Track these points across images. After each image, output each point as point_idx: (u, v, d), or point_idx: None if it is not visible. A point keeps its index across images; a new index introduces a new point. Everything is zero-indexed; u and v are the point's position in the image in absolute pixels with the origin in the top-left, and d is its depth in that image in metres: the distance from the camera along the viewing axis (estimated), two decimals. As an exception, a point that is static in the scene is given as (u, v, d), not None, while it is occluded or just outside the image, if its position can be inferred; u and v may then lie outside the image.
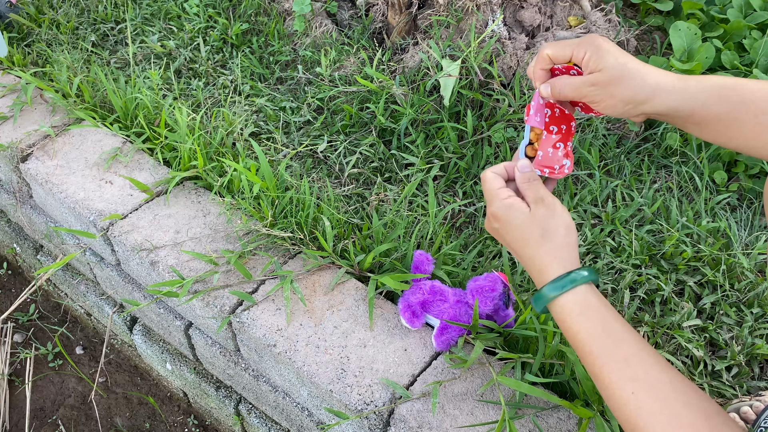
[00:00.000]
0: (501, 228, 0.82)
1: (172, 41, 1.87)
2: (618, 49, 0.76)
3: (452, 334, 1.10)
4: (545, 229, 0.79)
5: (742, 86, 0.73)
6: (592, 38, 0.77)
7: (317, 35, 1.85)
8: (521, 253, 0.81)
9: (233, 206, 1.34)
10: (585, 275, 0.76)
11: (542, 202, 0.81)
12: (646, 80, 0.74)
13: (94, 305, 1.80)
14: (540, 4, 1.66)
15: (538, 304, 0.79)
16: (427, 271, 1.17)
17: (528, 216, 0.80)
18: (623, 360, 0.70)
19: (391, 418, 1.05)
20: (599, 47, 0.75)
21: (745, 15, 1.67)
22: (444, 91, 1.52)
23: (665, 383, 0.68)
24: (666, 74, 0.75)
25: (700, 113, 0.74)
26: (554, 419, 1.03)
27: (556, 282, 0.77)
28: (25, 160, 1.54)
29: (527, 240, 0.80)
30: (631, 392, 0.68)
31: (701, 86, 0.73)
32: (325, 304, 1.20)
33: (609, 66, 0.74)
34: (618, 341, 0.72)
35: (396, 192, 1.45)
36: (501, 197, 0.82)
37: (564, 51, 0.78)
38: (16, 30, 1.94)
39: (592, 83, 0.76)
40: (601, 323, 0.74)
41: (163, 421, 1.83)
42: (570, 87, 0.78)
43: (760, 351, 1.20)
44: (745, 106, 0.72)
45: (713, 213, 1.44)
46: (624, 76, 0.74)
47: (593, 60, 0.75)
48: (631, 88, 0.74)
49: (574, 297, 0.76)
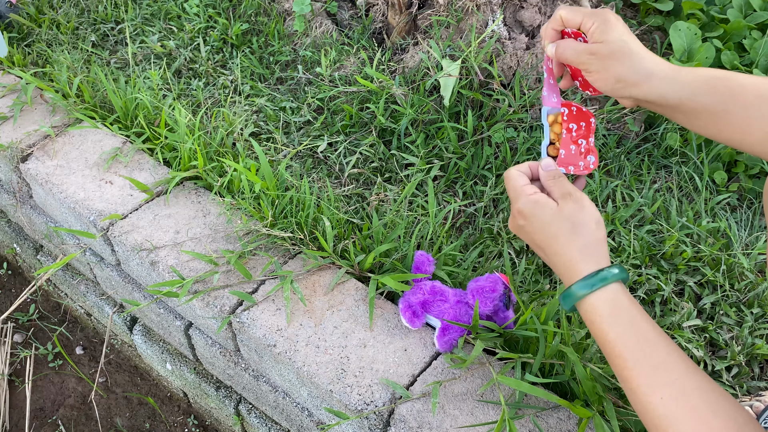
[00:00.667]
0: (527, 225, 0.80)
1: (172, 41, 1.87)
2: (625, 28, 0.77)
3: (454, 334, 1.10)
4: (574, 223, 0.77)
5: (733, 79, 0.73)
6: (603, 11, 0.78)
7: (317, 35, 1.85)
8: (549, 250, 0.79)
9: (233, 206, 1.34)
10: (615, 273, 0.74)
11: (570, 196, 0.79)
12: (642, 63, 0.75)
13: (94, 305, 1.80)
14: (540, 4, 1.66)
15: (567, 302, 0.77)
16: (427, 271, 1.17)
17: (556, 211, 0.78)
18: (653, 365, 0.69)
19: (391, 418, 1.05)
20: (607, 20, 0.77)
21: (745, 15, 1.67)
22: (444, 91, 1.52)
23: (695, 390, 0.66)
24: (662, 62, 0.75)
25: (689, 104, 0.74)
26: (554, 419, 1.03)
27: (587, 280, 0.74)
28: (25, 160, 1.54)
29: (556, 235, 0.78)
30: (660, 398, 0.67)
31: (692, 76, 0.74)
32: (325, 304, 1.20)
33: (611, 40, 0.76)
34: (648, 345, 0.70)
35: (396, 192, 1.45)
36: (527, 193, 0.81)
37: (576, 16, 0.80)
38: (16, 30, 1.94)
39: (591, 52, 0.77)
40: (631, 325, 0.72)
41: (163, 421, 1.83)
42: (571, 50, 0.80)
43: (760, 351, 1.20)
44: (734, 98, 0.72)
45: (713, 213, 1.44)
46: (623, 53, 0.75)
47: (599, 31, 0.77)
48: (626, 66, 0.75)
49: (604, 296, 0.74)
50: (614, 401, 1.01)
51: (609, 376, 1.03)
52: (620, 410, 1.00)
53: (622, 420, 1.00)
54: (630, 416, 1.00)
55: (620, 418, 1.00)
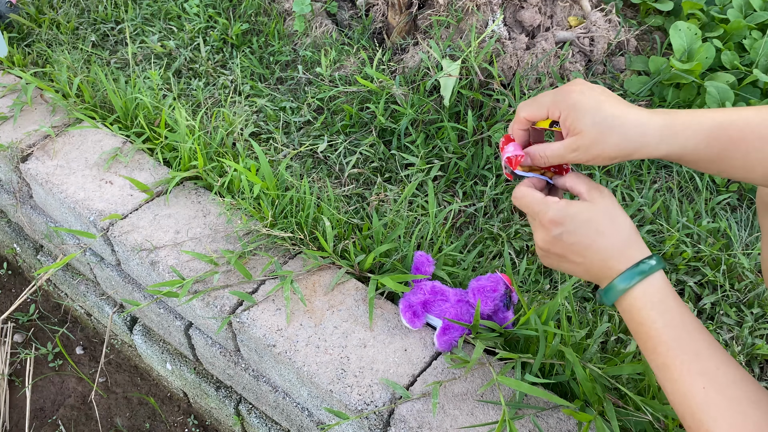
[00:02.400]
0: (565, 231, 0.75)
1: (172, 41, 1.87)
2: (595, 101, 0.72)
3: (454, 334, 1.10)
4: (613, 215, 0.75)
5: (733, 124, 0.71)
6: (564, 94, 0.74)
7: (317, 35, 1.85)
8: (593, 247, 0.74)
9: (233, 206, 1.34)
10: (655, 264, 0.73)
11: (597, 189, 0.77)
12: (630, 133, 0.71)
13: (94, 305, 1.80)
14: (540, 4, 1.66)
15: (614, 293, 0.74)
16: (427, 272, 1.17)
17: (592, 207, 0.75)
18: (696, 353, 0.69)
19: (391, 418, 1.05)
20: (573, 106, 0.72)
21: (745, 15, 1.67)
22: (444, 91, 1.52)
23: (736, 381, 0.67)
24: (651, 119, 0.71)
25: (691, 156, 0.73)
26: (554, 419, 1.03)
27: (637, 267, 0.73)
28: (25, 160, 1.54)
29: (601, 231, 0.74)
30: (702, 387, 0.67)
31: (690, 132, 0.71)
32: (325, 304, 1.20)
33: (587, 128, 0.71)
34: (693, 333, 0.71)
35: (396, 192, 1.45)
36: (554, 201, 0.76)
37: (539, 111, 0.77)
38: (16, 30, 1.94)
39: (573, 149, 0.74)
40: (679, 314, 0.72)
41: (163, 421, 1.83)
42: (554, 156, 0.77)
43: (760, 351, 1.20)
44: (736, 146, 0.71)
45: (713, 213, 1.44)
46: (604, 134, 0.71)
47: (570, 121, 0.73)
48: (615, 144, 0.71)
49: (656, 283, 0.73)
50: (614, 401, 1.01)
51: (609, 376, 1.03)
52: (620, 410, 1.00)
53: (622, 420, 1.00)
54: (630, 416, 1.00)
55: (620, 418, 0.99)
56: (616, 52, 1.71)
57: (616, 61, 1.69)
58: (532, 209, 0.78)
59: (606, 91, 0.74)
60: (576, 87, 0.74)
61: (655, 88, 1.62)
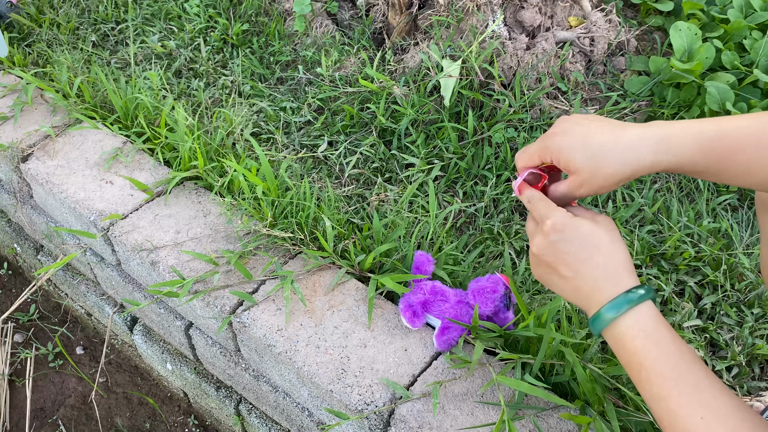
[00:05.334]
0: (562, 239, 0.75)
1: (173, 41, 1.87)
2: (580, 137, 0.74)
3: (453, 334, 1.10)
4: (614, 238, 0.75)
5: (728, 135, 0.71)
6: (549, 139, 0.76)
7: (318, 35, 1.85)
8: (588, 264, 0.74)
9: (234, 206, 1.34)
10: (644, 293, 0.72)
11: (602, 216, 0.78)
12: (625, 156, 0.72)
13: (95, 305, 1.80)
14: (540, 4, 1.66)
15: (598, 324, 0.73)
16: (427, 272, 1.17)
17: (595, 225, 0.75)
18: (694, 384, 0.68)
19: (391, 419, 1.05)
20: (560, 149, 0.74)
21: (745, 15, 1.67)
22: (444, 91, 1.52)
23: (734, 411, 0.66)
24: (643, 139, 0.72)
25: (687, 167, 0.73)
26: (554, 419, 1.03)
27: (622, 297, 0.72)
28: (26, 160, 1.54)
29: (598, 248, 0.74)
30: (700, 417, 0.66)
31: (684, 145, 0.72)
32: (326, 304, 1.20)
33: (582, 165, 0.73)
34: (688, 363, 0.69)
35: (396, 192, 1.45)
36: (560, 209, 0.77)
37: (532, 158, 0.79)
38: (16, 30, 1.95)
39: (578, 185, 0.75)
40: (673, 343, 0.70)
41: (164, 421, 1.83)
42: (563, 197, 0.79)
43: (760, 351, 1.20)
44: (732, 157, 0.71)
45: (714, 213, 1.44)
46: (600, 165, 0.73)
47: (563, 163, 0.75)
48: (614, 171, 0.72)
49: (645, 312, 0.72)
50: (614, 401, 1.01)
51: (609, 376, 1.03)
52: (620, 411, 1.00)
53: (622, 420, 1.00)
54: (630, 416, 1.00)
55: (620, 418, 0.99)
56: (616, 52, 1.71)
57: (616, 61, 1.69)
58: (539, 212, 0.78)
59: (590, 119, 0.75)
60: (558, 129, 0.76)
61: (655, 88, 1.62)
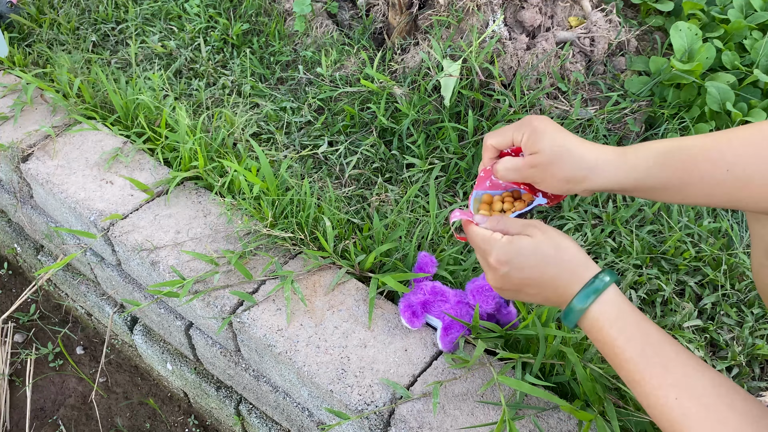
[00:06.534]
0: (512, 268, 0.76)
1: (173, 41, 1.87)
2: (555, 129, 0.77)
3: (456, 333, 1.10)
4: (556, 244, 0.76)
5: (682, 149, 0.72)
6: (528, 120, 0.79)
7: (318, 35, 1.85)
8: (545, 277, 0.76)
9: (234, 206, 1.35)
10: (610, 278, 0.73)
11: (531, 225, 0.78)
12: (584, 158, 0.75)
13: (95, 305, 1.80)
14: (540, 4, 1.66)
15: (572, 317, 0.74)
16: (430, 272, 1.17)
17: (533, 240, 0.76)
18: (663, 365, 0.68)
19: (391, 419, 1.05)
20: (535, 129, 0.77)
21: (745, 15, 1.67)
22: (445, 91, 1.52)
23: (708, 387, 0.66)
24: (604, 151, 0.75)
25: (646, 182, 0.74)
26: (554, 419, 1.03)
27: (587, 288, 0.73)
28: (26, 160, 1.54)
29: (547, 261, 0.75)
30: (675, 398, 0.66)
31: (640, 156, 0.74)
32: (326, 304, 1.20)
33: (545, 147, 0.76)
34: (656, 345, 0.70)
35: (397, 192, 1.45)
36: (497, 239, 0.78)
37: (505, 137, 0.81)
38: (16, 30, 1.95)
39: (531, 165, 0.78)
40: (638, 327, 0.71)
41: (164, 421, 1.83)
42: (512, 170, 0.81)
43: (760, 351, 1.20)
44: (688, 171, 0.72)
45: (714, 213, 1.44)
46: (562, 156, 0.75)
47: (530, 142, 0.77)
48: (569, 167, 0.75)
49: (608, 300, 0.73)
50: (615, 401, 1.01)
51: (609, 376, 1.03)
52: (620, 410, 1.00)
53: (623, 420, 1.00)
54: (630, 416, 1.00)
55: (620, 418, 0.99)
56: (616, 53, 1.71)
57: (616, 62, 1.69)
58: (480, 247, 0.80)
59: (565, 129, 0.79)
60: (537, 117, 0.80)
61: (655, 89, 1.62)
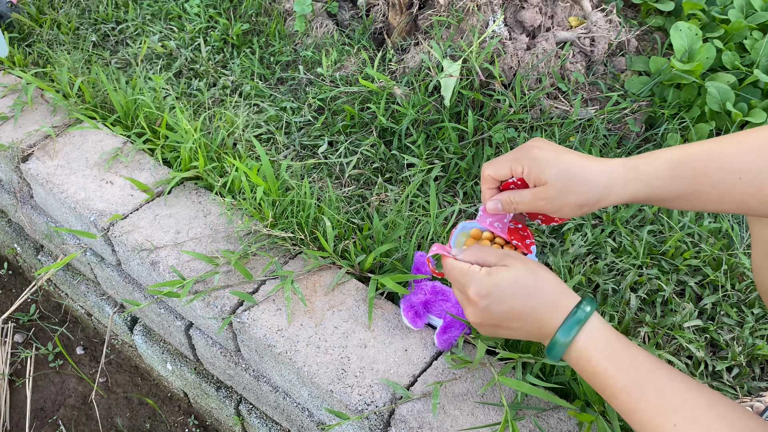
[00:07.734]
0: (492, 302, 0.73)
1: (173, 41, 1.87)
2: (555, 154, 0.74)
3: (455, 333, 1.10)
4: (533, 272, 0.74)
5: (693, 158, 0.72)
6: (525, 149, 0.76)
7: (318, 35, 1.85)
8: (526, 310, 0.73)
9: (234, 206, 1.34)
10: (590, 309, 0.71)
11: (508, 255, 0.76)
12: (595, 182, 0.73)
13: (95, 305, 1.80)
14: (541, 4, 1.66)
15: (557, 351, 0.72)
16: (428, 272, 1.17)
17: (511, 270, 0.74)
18: (658, 391, 0.67)
19: (391, 419, 1.05)
20: (535, 159, 0.74)
21: (746, 15, 1.67)
22: (445, 91, 1.52)
23: (704, 410, 0.65)
24: (613, 166, 0.73)
25: (659, 194, 0.73)
26: (555, 420, 1.03)
27: (570, 319, 0.71)
28: (26, 160, 1.54)
29: (527, 291, 0.73)
30: (673, 425, 0.65)
31: (652, 169, 0.72)
32: (326, 304, 1.20)
33: (552, 179, 0.73)
34: (647, 371, 0.68)
35: (397, 192, 1.45)
36: (475, 271, 0.75)
37: (503, 169, 0.78)
38: (17, 30, 1.95)
39: (539, 198, 0.75)
40: (627, 354, 0.69)
41: (164, 422, 1.83)
42: (523, 203, 0.78)
43: (760, 352, 1.20)
44: (700, 179, 0.71)
45: (715, 214, 1.44)
46: (572, 184, 0.73)
47: (533, 174, 0.75)
48: (582, 193, 0.73)
49: (593, 329, 0.71)
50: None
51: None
52: (621, 411, 1.00)
53: (623, 420, 1.00)
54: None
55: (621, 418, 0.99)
56: (616, 53, 1.71)
57: (616, 62, 1.69)
58: (458, 281, 0.77)
59: (563, 147, 0.77)
60: (535, 143, 0.76)
61: (655, 89, 1.62)
